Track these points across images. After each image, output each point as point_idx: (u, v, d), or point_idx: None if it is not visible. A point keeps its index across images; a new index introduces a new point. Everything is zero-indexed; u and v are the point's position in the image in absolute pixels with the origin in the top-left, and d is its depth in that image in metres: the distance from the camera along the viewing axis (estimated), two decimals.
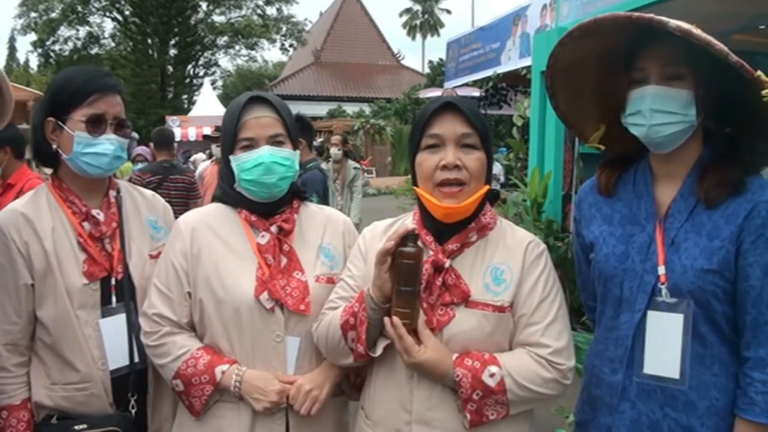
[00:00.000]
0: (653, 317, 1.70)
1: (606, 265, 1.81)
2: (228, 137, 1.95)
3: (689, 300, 1.65)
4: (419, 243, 1.69)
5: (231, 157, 1.95)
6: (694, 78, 1.67)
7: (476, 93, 10.69)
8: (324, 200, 5.47)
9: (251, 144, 1.93)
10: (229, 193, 2.01)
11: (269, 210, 2.00)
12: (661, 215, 1.75)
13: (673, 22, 1.55)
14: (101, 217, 2.05)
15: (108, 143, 1.99)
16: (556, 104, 1.96)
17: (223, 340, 1.91)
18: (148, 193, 2.32)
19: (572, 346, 1.76)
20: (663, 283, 1.69)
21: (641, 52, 1.71)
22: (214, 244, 1.96)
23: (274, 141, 1.94)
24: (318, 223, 2.08)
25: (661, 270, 1.69)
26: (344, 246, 2.07)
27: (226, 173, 2.00)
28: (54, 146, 2.01)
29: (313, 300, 1.92)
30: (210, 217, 2.02)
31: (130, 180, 6.32)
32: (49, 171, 2.14)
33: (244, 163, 1.92)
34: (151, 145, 6.70)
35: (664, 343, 1.68)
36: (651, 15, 1.59)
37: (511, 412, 1.70)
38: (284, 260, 1.96)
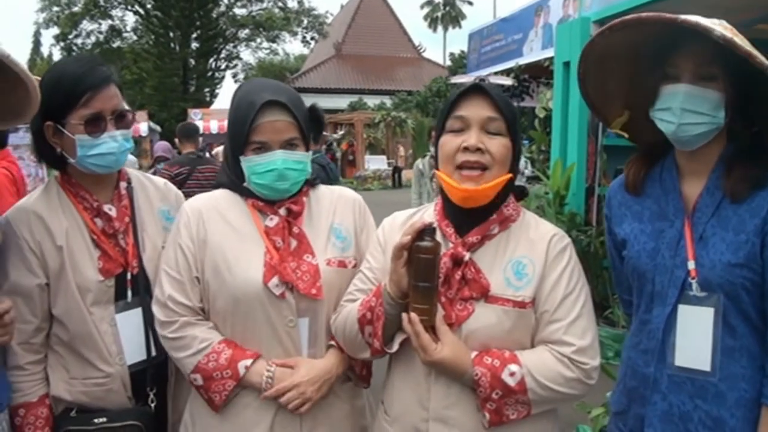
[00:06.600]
0: (684, 311, 1.69)
1: (638, 262, 1.80)
2: (239, 137, 1.88)
3: (719, 294, 1.64)
4: (437, 236, 1.65)
5: (242, 158, 1.89)
6: (725, 79, 1.65)
7: (508, 82, 10.63)
8: None
9: (263, 147, 1.87)
10: (237, 185, 1.96)
11: (279, 199, 1.95)
12: (689, 210, 1.74)
13: (719, 31, 1.53)
14: (113, 212, 2.02)
15: (111, 141, 1.93)
16: (586, 92, 1.92)
17: (233, 328, 1.88)
18: (160, 181, 2.28)
19: (597, 344, 1.71)
20: (693, 278, 1.67)
21: (675, 49, 1.68)
22: (222, 228, 1.91)
23: (288, 144, 1.89)
24: (328, 203, 2.04)
25: (691, 265, 1.68)
26: (355, 225, 2.03)
27: (235, 168, 1.94)
28: (58, 150, 1.96)
29: (324, 284, 1.88)
30: (217, 202, 1.98)
31: (154, 174, 6.42)
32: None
33: (255, 166, 1.87)
34: (176, 140, 6.81)
35: (695, 336, 1.68)
36: (697, 20, 1.56)
37: (533, 412, 1.66)
38: (294, 243, 1.91)
